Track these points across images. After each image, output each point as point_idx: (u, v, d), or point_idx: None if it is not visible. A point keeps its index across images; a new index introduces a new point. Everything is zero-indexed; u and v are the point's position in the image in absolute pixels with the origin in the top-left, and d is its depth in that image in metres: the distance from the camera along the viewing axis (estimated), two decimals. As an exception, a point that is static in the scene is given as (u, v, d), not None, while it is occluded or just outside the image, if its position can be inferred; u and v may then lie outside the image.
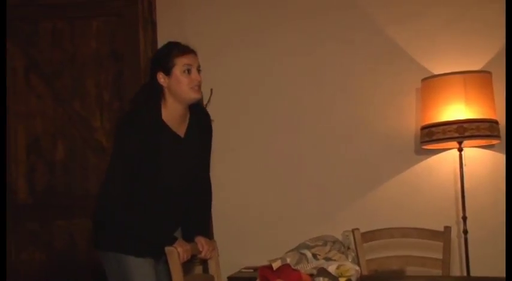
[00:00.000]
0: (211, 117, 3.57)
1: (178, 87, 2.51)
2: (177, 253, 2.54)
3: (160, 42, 3.72)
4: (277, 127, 3.96)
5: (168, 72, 2.52)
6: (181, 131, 2.64)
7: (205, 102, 3.86)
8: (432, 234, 3.34)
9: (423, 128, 3.61)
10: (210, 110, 3.62)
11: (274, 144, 3.95)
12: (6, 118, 3.56)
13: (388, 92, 3.87)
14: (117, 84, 3.98)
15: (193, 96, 2.54)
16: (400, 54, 3.85)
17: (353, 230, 3.34)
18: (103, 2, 3.97)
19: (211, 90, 3.91)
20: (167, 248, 2.58)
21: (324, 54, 3.95)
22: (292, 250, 2.94)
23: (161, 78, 2.54)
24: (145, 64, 3.83)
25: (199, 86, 2.55)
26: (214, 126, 3.63)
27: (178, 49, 2.53)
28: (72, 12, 4.00)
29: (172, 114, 2.58)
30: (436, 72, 3.71)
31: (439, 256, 3.30)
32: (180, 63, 2.50)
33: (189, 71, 2.51)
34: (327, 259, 2.79)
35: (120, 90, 3.95)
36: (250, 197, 3.95)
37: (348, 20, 3.92)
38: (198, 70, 2.56)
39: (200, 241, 2.78)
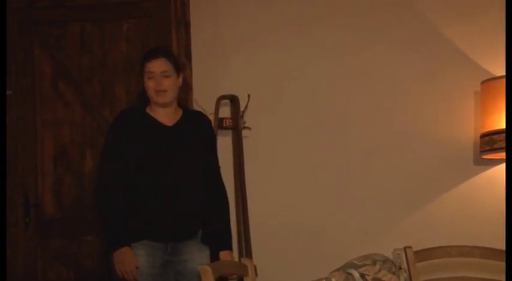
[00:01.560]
0: (249, 125, 3.82)
1: (147, 91, 3.00)
2: (210, 271, 2.58)
3: (195, 44, 3.92)
4: (321, 134, 3.89)
5: (142, 77, 3.02)
6: (168, 122, 3.05)
7: (242, 108, 3.83)
8: (494, 253, 3.23)
9: (483, 135, 3.55)
10: (247, 116, 3.86)
11: (318, 153, 3.89)
12: (6, 119, 3.61)
13: (444, 96, 3.82)
14: (149, 90, 4.00)
15: (156, 99, 2.98)
16: (458, 54, 3.80)
17: (405, 248, 3.25)
18: (134, 2, 3.96)
19: (249, 96, 3.83)
20: (200, 267, 2.61)
21: (374, 55, 3.88)
22: (337, 270, 2.96)
23: (143, 83, 3.05)
24: (178, 68, 3.88)
25: (163, 91, 2.96)
26: (252, 133, 3.84)
27: (145, 56, 3.02)
28: (102, 13, 4.00)
29: (156, 111, 3.05)
30: (497, 74, 3.65)
31: (503, 278, 3.12)
32: (146, 71, 2.97)
33: (151, 77, 2.96)
34: (377, 280, 2.83)
35: (152, 96, 3.94)
36: (291, 211, 3.88)
37: (401, 18, 3.86)
38: (165, 75, 2.97)
39: (225, 257, 3.09)
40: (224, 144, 3.82)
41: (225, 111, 3.86)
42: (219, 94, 3.78)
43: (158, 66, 2.96)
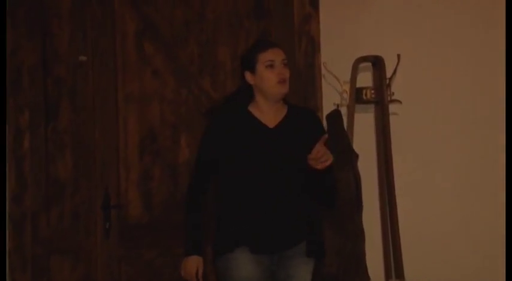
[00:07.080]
0: (398, 97, 3.60)
1: (264, 83, 3.15)
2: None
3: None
4: (492, 111, 3.65)
5: (253, 70, 3.17)
6: (271, 123, 3.22)
7: (389, 75, 3.57)
8: None
9: None
10: (396, 85, 3.62)
11: (491, 135, 3.67)
12: (6, 113, 3.66)
13: None
14: (262, 52, 3.92)
15: (278, 90, 3.15)
16: None
17: None
18: None
19: (399, 57, 3.53)
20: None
21: None
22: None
23: (248, 76, 3.20)
24: (300, 22, 3.78)
25: (285, 80, 3.17)
26: (403, 109, 3.67)
27: (259, 45, 3.24)
28: (201, -49, 3.93)
29: (263, 111, 3.24)
30: None
31: None
32: (263, 59, 3.15)
33: (272, 66, 3.15)
34: None
35: (266, 60, 3.89)
36: (456, 216, 3.68)
37: None
38: (284, 64, 3.19)
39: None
40: (364, 123, 3.62)
41: (366, 79, 3.63)
42: (357, 55, 3.58)
43: (279, 54, 3.17)
